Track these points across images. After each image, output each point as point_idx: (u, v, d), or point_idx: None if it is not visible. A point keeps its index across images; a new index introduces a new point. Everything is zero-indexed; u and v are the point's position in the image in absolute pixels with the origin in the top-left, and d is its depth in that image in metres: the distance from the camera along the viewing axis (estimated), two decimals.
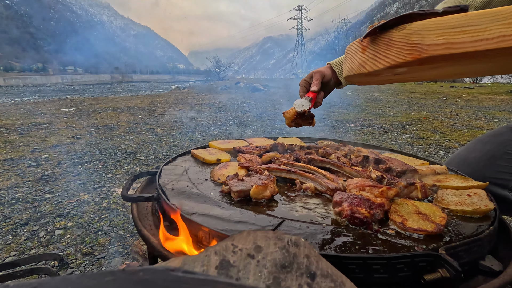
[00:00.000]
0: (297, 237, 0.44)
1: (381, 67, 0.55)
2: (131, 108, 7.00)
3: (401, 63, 0.52)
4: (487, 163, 1.17)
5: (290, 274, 0.38)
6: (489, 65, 0.58)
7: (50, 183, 2.36)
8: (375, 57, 0.56)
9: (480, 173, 1.15)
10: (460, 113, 6.88)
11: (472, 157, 1.23)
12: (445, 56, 0.49)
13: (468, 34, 0.47)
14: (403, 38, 0.51)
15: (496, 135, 1.26)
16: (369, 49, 0.58)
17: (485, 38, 0.46)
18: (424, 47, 0.49)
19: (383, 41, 0.55)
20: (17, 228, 1.68)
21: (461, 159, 1.28)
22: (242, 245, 0.41)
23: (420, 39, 0.49)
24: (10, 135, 4.04)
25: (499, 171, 1.13)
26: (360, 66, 0.60)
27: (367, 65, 0.58)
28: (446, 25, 0.48)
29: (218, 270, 0.37)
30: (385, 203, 0.72)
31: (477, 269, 0.63)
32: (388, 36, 0.53)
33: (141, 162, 2.95)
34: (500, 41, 0.46)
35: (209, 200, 0.79)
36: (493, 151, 1.19)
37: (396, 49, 0.52)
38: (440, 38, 0.48)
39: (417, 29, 0.50)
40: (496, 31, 0.46)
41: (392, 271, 0.55)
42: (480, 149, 1.24)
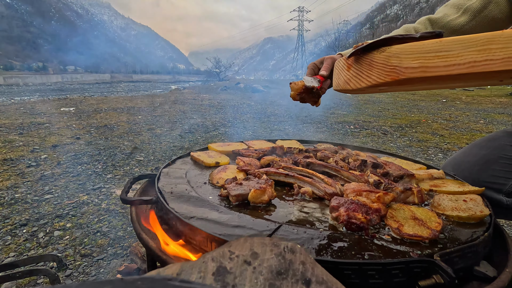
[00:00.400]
0: (293, 243, 0.45)
1: (363, 86, 0.59)
2: (131, 108, 7.01)
3: (381, 83, 0.55)
4: (482, 167, 1.18)
5: (286, 281, 0.39)
6: (462, 84, 0.62)
7: (49, 183, 2.36)
8: (358, 75, 0.60)
9: (475, 177, 1.16)
10: (459, 116, 6.90)
11: (467, 161, 1.25)
12: (421, 78, 0.52)
13: (442, 59, 0.50)
14: (383, 60, 0.54)
15: (492, 139, 1.27)
16: (353, 67, 0.62)
17: (457, 63, 0.49)
18: (401, 70, 0.52)
19: (365, 61, 0.58)
20: (16, 228, 1.68)
21: (457, 163, 1.29)
22: (239, 252, 0.41)
23: (398, 62, 0.52)
24: (10, 135, 4.04)
25: (494, 175, 1.15)
26: (345, 83, 0.64)
27: (351, 82, 0.62)
28: (422, 50, 0.51)
29: (215, 276, 0.37)
30: (381, 208, 0.72)
31: (472, 275, 0.64)
32: (370, 57, 0.57)
33: (141, 163, 2.96)
34: (471, 66, 0.49)
35: (207, 204, 0.80)
36: (488, 155, 1.20)
37: (377, 70, 0.56)
38: (416, 61, 0.51)
39: (396, 52, 0.53)
40: (468, 57, 0.49)
41: (387, 277, 0.56)
42: (475, 153, 1.25)
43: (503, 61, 0.47)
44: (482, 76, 0.51)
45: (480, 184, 1.12)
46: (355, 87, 0.62)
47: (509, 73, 0.49)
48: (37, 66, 76.96)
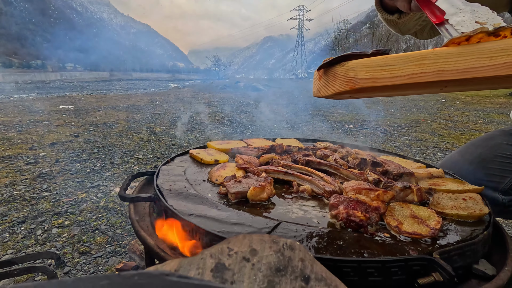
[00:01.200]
0: (292, 240, 0.45)
1: (330, 93, 0.69)
2: (130, 107, 6.99)
3: (343, 91, 0.65)
4: (478, 166, 1.19)
5: (285, 278, 0.39)
6: (411, 92, 0.73)
7: (47, 181, 2.35)
8: (326, 85, 0.70)
9: (472, 176, 1.17)
10: (458, 115, 6.91)
11: (464, 160, 1.25)
12: (373, 87, 0.62)
13: (387, 71, 0.61)
14: (343, 72, 0.65)
15: (488, 138, 1.28)
16: (322, 78, 0.72)
17: (399, 75, 0.60)
18: (357, 80, 0.62)
19: (331, 73, 0.69)
20: (14, 226, 1.68)
21: (454, 162, 1.30)
22: (238, 248, 0.41)
23: (354, 74, 0.63)
24: (8, 132, 4.03)
25: (490, 173, 1.15)
26: (318, 91, 0.75)
27: (322, 90, 0.73)
28: (372, 64, 0.62)
29: (213, 273, 0.37)
30: (381, 206, 0.72)
31: (471, 273, 0.64)
32: (334, 70, 0.67)
33: (140, 161, 2.95)
34: (410, 77, 0.59)
35: (206, 202, 0.80)
36: (484, 154, 1.20)
37: (339, 80, 0.66)
38: (368, 74, 0.62)
39: (352, 66, 0.63)
40: (407, 70, 0.59)
41: (387, 275, 0.56)
42: (472, 152, 1.26)
43: (434, 73, 0.58)
44: (421, 85, 0.61)
45: (477, 183, 1.12)
46: (324, 95, 0.72)
47: (442, 83, 0.59)
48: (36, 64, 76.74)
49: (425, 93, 0.81)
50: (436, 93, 0.80)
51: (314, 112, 6.83)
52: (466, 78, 0.57)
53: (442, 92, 0.75)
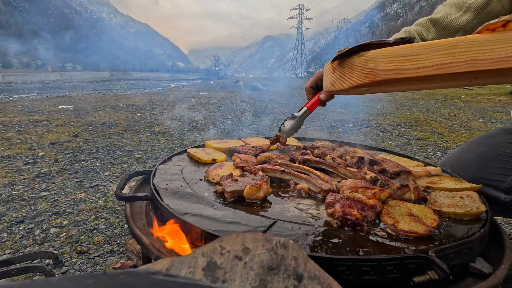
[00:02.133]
0: (285, 239, 0.44)
1: (345, 87, 0.65)
2: (129, 106, 6.99)
3: (361, 84, 0.61)
4: (480, 164, 1.18)
5: (277, 276, 0.39)
6: (436, 85, 0.67)
7: (46, 181, 2.35)
8: (341, 78, 0.66)
9: (473, 174, 1.16)
10: (458, 114, 6.90)
11: (465, 158, 1.25)
12: (395, 80, 0.57)
13: (413, 62, 0.56)
14: (362, 63, 0.60)
15: (490, 136, 1.27)
16: (337, 70, 0.67)
17: (426, 66, 0.55)
18: (378, 72, 0.58)
19: (347, 65, 0.64)
20: (13, 226, 1.67)
21: (455, 160, 1.29)
22: (230, 247, 0.41)
23: (375, 65, 0.58)
24: (8, 132, 4.02)
25: (492, 172, 1.14)
26: (331, 84, 0.70)
27: (336, 84, 0.68)
28: (396, 54, 0.57)
29: (204, 272, 0.37)
30: (377, 204, 0.72)
31: (467, 271, 0.64)
32: (351, 61, 0.63)
33: (139, 160, 2.95)
34: (438, 68, 0.54)
35: (202, 200, 0.80)
36: (486, 152, 1.20)
37: (357, 72, 0.61)
38: (390, 64, 0.57)
39: (373, 56, 0.59)
40: (435, 60, 0.54)
41: (382, 273, 0.55)
42: (473, 150, 1.25)
43: (466, 63, 0.52)
44: (449, 77, 0.56)
45: (478, 181, 1.11)
46: (339, 88, 0.68)
47: (473, 74, 0.54)
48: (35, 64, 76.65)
49: (451, 86, 0.77)
50: (463, 86, 0.75)
51: (313, 112, 6.82)
52: (501, 68, 0.51)
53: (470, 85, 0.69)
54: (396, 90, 0.81)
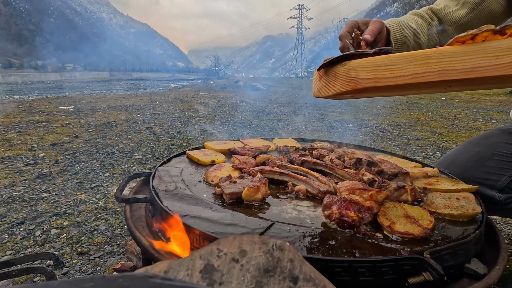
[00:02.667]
0: (282, 241, 0.45)
1: (330, 94, 0.69)
2: (129, 107, 7.00)
3: (344, 91, 0.65)
4: (475, 164, 1.19)
5: (273, 278, 0.39)
6: (414, 91, 0.72)
7: (47, 182, 2.36)
8: (327, 85, 0.69)
9: (469, 174, 1.17)
10: (458, 114, 6.90)
11: (462, 158, 1.26)
12: (375, 87, 0.61)
13: (390, 71, 0.59)
14: (345, 72, 0.64)
15: (487, 137, 1.28)
16: (323, 78, 0.71)
17: (402, 75, 0.59)
18: (359, 80, 0.61)
19: (332, 73, 0.67)
20: (13, 227, 1.68)
21: (451, 160, 1.30)
22: (227, 249, 0.42)
23: (356, 74, 0.62)
24: (8, 133, 4.04)
25: (487, 171, 1.16)
26: (318, 91, 0.73)
27: (322, 91, 0.72)
28: (375, 64, 0.61)
29: (202, 274, 0.38)
30: (374, 206, 0.73)
31: (463, 272, 0.65)
32: (335, 70, 0.66)
33: (139, 161, 2.96)
34: (413, 77, 0.58)
35: (201, 202, 0.80)
36: (482, 152, 1.21)
37: (340, 80, 0.65)
38: (370, 73, 0.61)
39: (354, 66, 0.62)
40: (410, 70, 0.58)
41: (378, 274, 0.56)
42: (469, 150, 1.27)
43: (439, 73, 0.57)
44: (424, 85, 0.59)
45: (474, 181, 1.13)
46: (325, 95, 0.71)
47: (446, 83, 0.58)
48: (36, 64, 76.75)
49: (428, 93, 0.81)
50: (439, 92, 0.79)
51: (313, 111, 6.83)
52: (471, 78, 0.55)
53: (445, 92, 0.74)
54: (377, 95, 0.87)
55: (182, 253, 0.66)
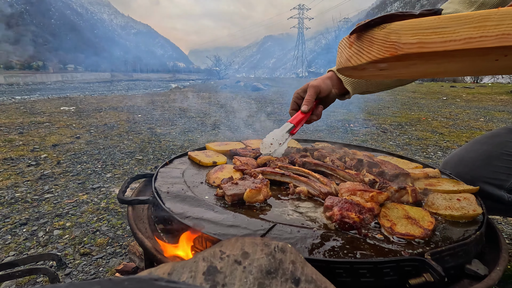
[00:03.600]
0: (283, 243, 0.46)
1: (363, 62, 0.60)
2: (131, 107, 7.02)
3: (381, 58, 0.56)
4: (483, 163, 1.17)
5: (275, 280, 0.40)
6: (459, 65, 0.63)
7: (49, 183, 2.37)
8: (359, 52, 0.61)
9: (476, 173, 1.15)
10: (459, 114, 6.90)
11: (469, 157, 1.23)
12: (418, 54, 0.53)
13: (439, 35, 0.52)
14: (383, 36, 0.56)
15: (494, 136, 1.26)
16: (355, 45, 0.62)
17: (453, 39, 0.51)
18: (400, 45, 0.53)
19: (366, 38, 0.59)
20: (16, 228, 1.69)
21: (458, 159, 1.28)
22: (230, 252, 0.42)
23: (397, 38, 0.54)
24: (10, 134, 4.05)
25: (495, 171, 1.14)
26: (347, 60, 0.65)
27: (353, 59, 0.63)
28: (420, 26, 0.53)
29: (205, 276, 0.38)
30: (375, 207, 0.73)
31: (463, 273, 0.65)
32: (371, 34, 0.58)
33: (140, 162, 2.97)
34: (466, 42, 0.50)
35: (203, 204, 0.81)
36: (490, 151, 1.18)
37: (377, 46, 0.57)
38: (414, 37, 0.53)
39: (395, 28, 0.54)
40: (463, 33, 0.50)
41: (379, 275, 0.57)
42: (477, 149, 1.24)
43: (497, 37, 0.49)
44: (477, 52, 0.52)
45: (482, 180, 1.11)
46: (355, 64, 0.63)
47: (504, 50, 0.50)
48: (37, 65, 76.98)
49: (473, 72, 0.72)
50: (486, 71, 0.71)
51: None
52: None
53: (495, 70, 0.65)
54: (416, 72, 0.76)
55: (185, 255, 0.67)
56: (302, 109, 1.16)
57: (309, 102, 1.15)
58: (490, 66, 0.62)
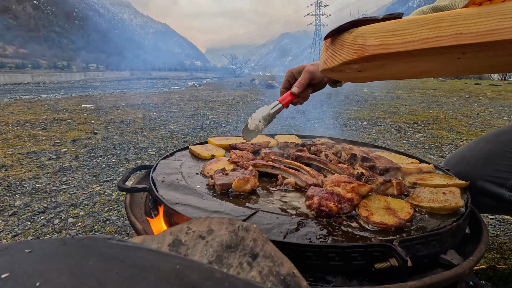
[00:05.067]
0: (249, 223, 0.50)
1: (336, 64, 0.65)
2: (147, 105, 7.23)
3: (350, 60, 0.61)
4: (486, 161, 1.15)
5: (234, 254, 0.44)
6: (432, 65, 0.66)
7: (67, 175, 2.52)
8: (333, 55, 0.67)
9: (478, 171, 1.14)
10: (481, 112, 6.62)
11: (472, 155, 1.22)
12: (383, 55, 0.58)
13: (399, 37, 0.56)
14: (351, 40, 0.61)
15: (499, 134, 1.23)
16: (330, 48, 0.68)
17: (412, 40, 0.56)
18: (366, 47, 0.59)
19: (338, 42, 0.65)
20: (35, 215, 1.82)
21: (461, 156, 1.26)
22: (196, 228, 0.47)
23: (363, 41, 0.59)
24: (34, 130, 4.30)
25: (498, 169, 1.12)
26: (324, 62, 0.70)
27: (328, 62, 0.68)
28: (383, 29, 0.58)
29: (170, 247, 0.43)
30: (354, 198, 0.76)
31: (438, 263, 0.66)
32: (342, 38, 0.64)
33: (152, 157, 3.08)
34: (424, 42, 0.55)
35: (194, 192, 0.86)
36: (494, 150, 1.16)
37: (346, 49, 0.62)
38: (377, 40, 0.58)
39: (361, 32, 0.60)
40: (421, 34, 0.55)
41: (347, 260, 0.60)
42: (481, 148, 1.22)
43: (452, 37, 0.53)
44: (435, 51, 0.56)
45: (483, 179, 1.10)
46: (331, 66, 0.68)
47: (460, 48, 0.54)
48: (62, 65, 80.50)
49: (442, 71, 0.75)
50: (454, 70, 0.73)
51: (327, 109, 6.77)
52: (488, 42, 0.51)
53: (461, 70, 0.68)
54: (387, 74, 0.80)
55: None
56: (293, 90, 1.16)
57: (301, 85, 1.16)
58: (454, 65, 0.65)
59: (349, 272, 0.61)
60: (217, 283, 0.29)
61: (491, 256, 1.35)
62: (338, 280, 0.60)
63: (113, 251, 0.29)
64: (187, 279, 0.28)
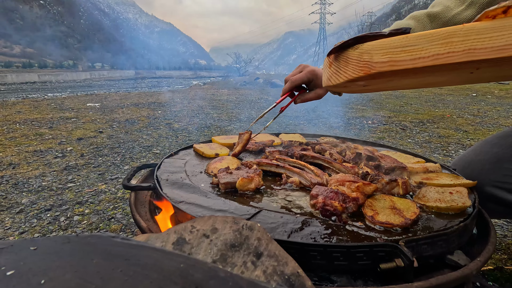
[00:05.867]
0: (253, 222, 0.50)
1: (341, 81, 0.63)
2: (151, 104, 7.27)
3: (356, 77, 0.59)
4: (493, 166, 1.11)
5: (238, 253, 0.44)
6: (442, 78, 0.64)
7: (72, 173, 2.54)
8: (337, 72, 0.64)
9: (486, 177, 1.10)
10: (489, 111, 6.53)
11: (478, 160, 1.17)
12: (390, 72, 0.55)
13: (408, 53, 0.54)
14: (357, 56, 0.59)
15: (504, 137, 1.19)
16: (333, 65, 0.66)
17: (422, 57, 0.53)
18: (372, 64, 0.56)
19: (342, 59, 0.63)
20: (41, 213, 1.85)
21: (467, 161, 1.22)
22: (200, 227, 0.47)
23: (369, 57, 0.57)
24: (41, 128, 4.35)
25: (506, 174, 1.07)
26: (328, 79, 0.69)
27: (332, 78, 0.67)
28: (390, 46, 0.55)
29: (174, 245, 0.43)
30: (360, 197, 0.75)
31: (445, 263, 0.66)
32: (346, 54, 0.61)
33: (157, 155, 3.10)
34: (435, 59, 0.52)
35: (198, 191, 0.86)
36: (500, 153, 1.12)
37: (352, 66, 0.60)
38: (385, 56, 0.55)
39: (367, 49, 0.57)
40: (431, 50, 0.52)
41: (352, 259, 0.59)
42: (487, 151, 1.18)
43: (464, 52, 0.50)
44: (447, 68, 0.53)
45: (491, 184, 1.06)
46: (335, 83, 0.67)
47: (473, 64, 0.51)
48: (68, 64, 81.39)
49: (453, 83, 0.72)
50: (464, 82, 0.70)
51: (332, 108, 6.74)
52: (503, 57, 0.48)
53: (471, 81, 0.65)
54: (394, 86, 0.79)
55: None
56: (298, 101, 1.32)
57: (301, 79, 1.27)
58: (466, 78, 0.63)
59: (354, 272, 0.61)
60: (221, 282, 0.28)
61: (498, 257, 1.33)
62: (343, 280, 0.60)
63: (117, 249, 0.29)
64: (191, 278, 0.28)
